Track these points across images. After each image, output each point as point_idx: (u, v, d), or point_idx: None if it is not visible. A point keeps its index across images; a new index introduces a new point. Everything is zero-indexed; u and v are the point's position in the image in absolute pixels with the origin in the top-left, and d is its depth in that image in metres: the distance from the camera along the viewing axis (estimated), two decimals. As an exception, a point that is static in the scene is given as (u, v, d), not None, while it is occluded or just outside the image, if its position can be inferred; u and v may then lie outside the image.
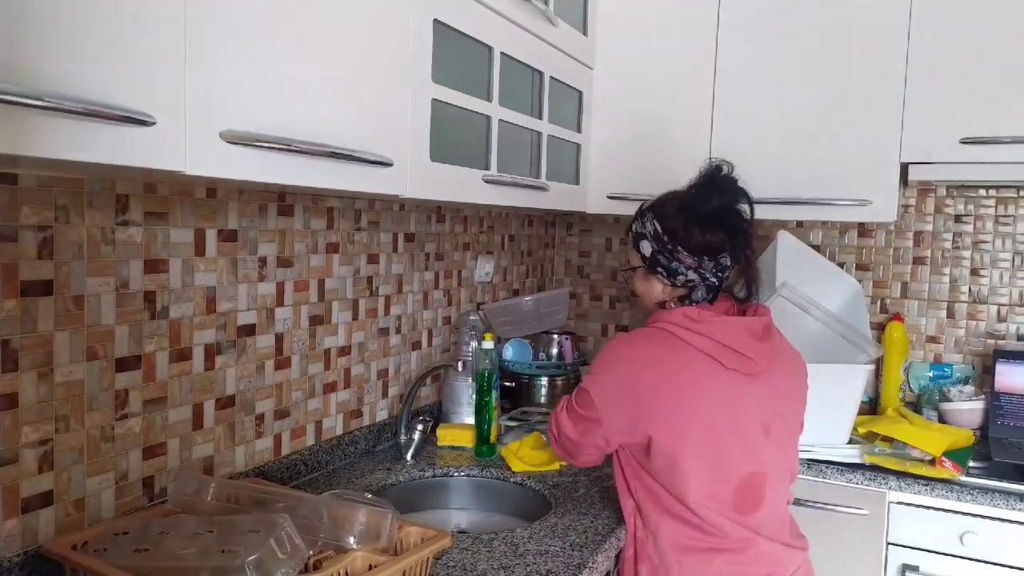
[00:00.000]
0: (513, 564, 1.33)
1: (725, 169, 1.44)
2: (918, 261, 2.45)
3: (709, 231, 1.42)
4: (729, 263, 1.45)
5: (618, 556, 1.52)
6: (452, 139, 1.55)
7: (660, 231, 1.45)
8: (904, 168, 2.10)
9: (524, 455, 1.87)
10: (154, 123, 0.89)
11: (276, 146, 1.06)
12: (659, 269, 1.46)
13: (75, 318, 1.22)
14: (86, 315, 1.23)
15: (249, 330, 1.55)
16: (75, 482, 1.24)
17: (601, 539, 1.45)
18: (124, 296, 1.29)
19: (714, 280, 1.45)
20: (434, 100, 1.45)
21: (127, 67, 0.87)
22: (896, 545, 1.90)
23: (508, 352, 2.33)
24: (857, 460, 1.96)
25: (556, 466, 1.84)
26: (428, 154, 1.45)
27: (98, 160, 0.85)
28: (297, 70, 1.12)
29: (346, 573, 1.13)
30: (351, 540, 1.14)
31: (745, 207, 1.45)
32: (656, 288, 1.50)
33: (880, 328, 2.44)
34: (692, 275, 1.44)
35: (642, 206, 1.53)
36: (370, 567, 1.14)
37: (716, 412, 1.39)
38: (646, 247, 1.47)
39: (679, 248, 1.43)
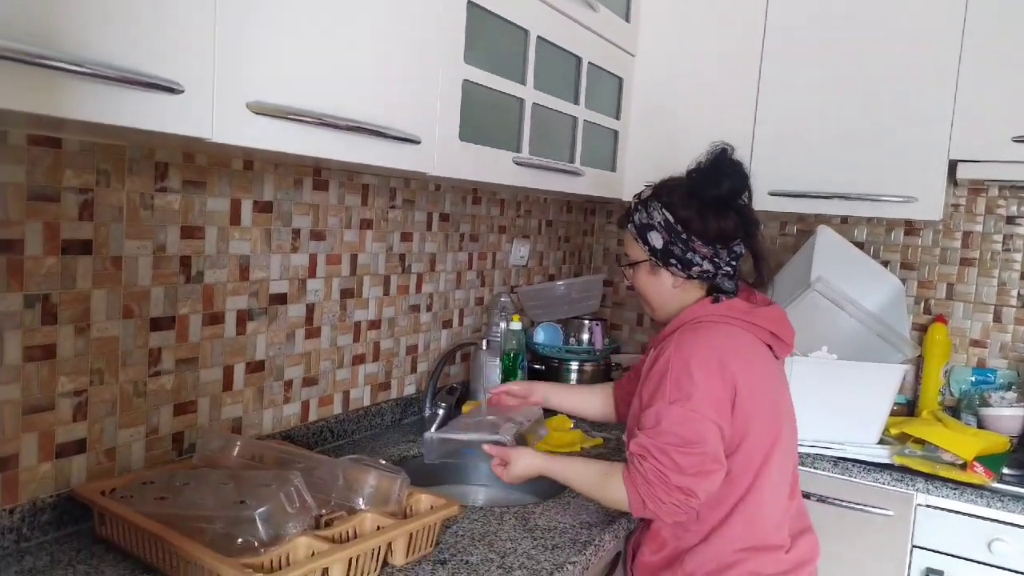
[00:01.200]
0: (521, 537, 1.36)
1: (731, 152, 1.39)
2: (966, 262, 2.38)
3: (723, 218, 1.37)
4: (742, 251, 1.41)
5: (628, 539, 1.54)
6: (483, 120, 1.58)
7: (672, 221, 1.37)
8: (953, 166, 2.05)
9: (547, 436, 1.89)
10: (182, 91, 0.94)
11: (302, 119, 1.10)
12: (672, 261, 1.39)
13: (113, 277, 1.28)
14: (123, 275, 1.30)
15: (281, 299, 1.61)
16: (107, 433, 1.31)
17: (612, 519, 1.47)
18: (160, 259, 1.35)
19: (728, 269, 1.40)
20: (465, 81, 1.48)
21: (157, 36, 0.91)
22: (921, 548, 1.87)
23: (539, 336, 2.35)
24: (886, 460, 1.93)
25: (577, 448, 1.86)
26: (458, 134, 1.47)
27: (129, 124, 0.90)
28: (326, 45, 1.16)
29: (354, 532, 1.17)
30: (360, 502, 1.19)
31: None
32: (665, 282, 1.43)
33: (922, 329, 2.39)
34: (707, 265, 1.38)
35: (641, 195, 1.45)
36: (378, 528, 1.18)
37: (781, 401, 1.42)
38: (656, 238, 1.39)
39: (693, 238, 1.37)
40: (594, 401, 1.73)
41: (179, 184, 1.37)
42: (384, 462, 1.32)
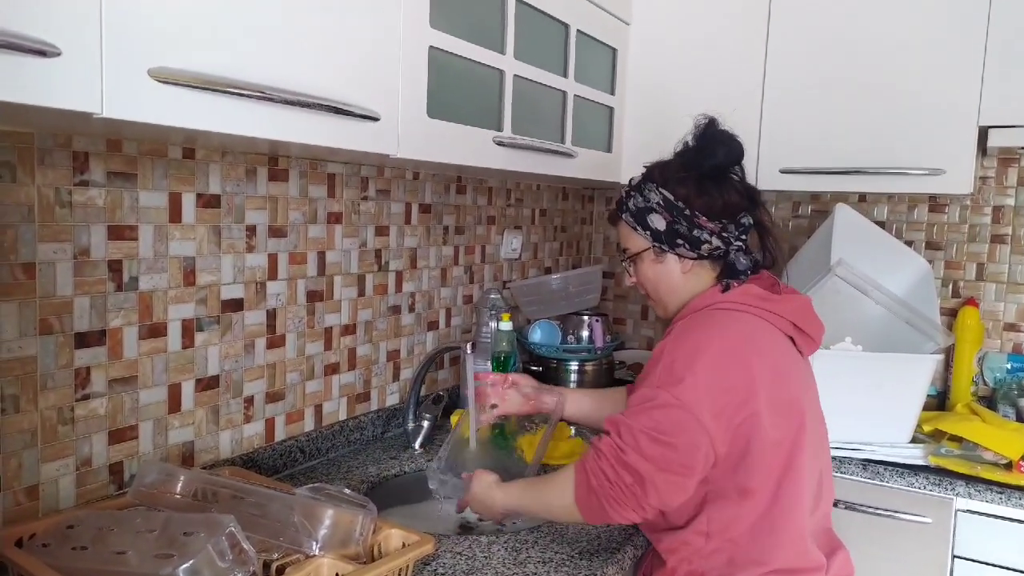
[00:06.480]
0: (511, 573, 1.17)
1: (719, 122, 1.29)
2: (997, 239, 2.19)
3: (725, 189, 1.26)
4: (750, 223, 1.29)
5: (636, 567, 1.35)
6: (457, 94, 1.39)
7: (672, 199, 1.26)
8: (983, 133, 1.85)
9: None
10: (58, 54, 0.75)
11: (223, 89, 0.91)
12: (679, 241, 1.26)
13: (24, 288, 1.10)
14: (38, 285, 1.11)
15: (235, 305, 1.42)
16: (27, 468, 1.12)
17: (616, 547, 1.28)
18: (84, 264, 1.17)
19: (739, 244, 1.27)
20: (432, 48, 1.29)
21: (19, -16, 0.73)
22: (964, 559, 1.68)
23: (535, 334, 2.16)
24: (921, 462, 1.74)
25: (576, 459, 1.67)
26: (425, 109, 1.28)
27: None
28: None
29: (308, 582, 0.99)
30: (314, 545, 1.00)
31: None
32: (672, 269, 1.30)
33: (951, 314, 2.20)
34: (716, 241, 1.26)
35: (631, 182, 1.34)
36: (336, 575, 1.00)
37: (804, 398, 1.24)
38: (657, 220, 1.27)
39: (697, 214, 1.25)
40: (612, 406, 1.53)
41: (103, 177, 1.18)
42: (348, 491, 1.13)
